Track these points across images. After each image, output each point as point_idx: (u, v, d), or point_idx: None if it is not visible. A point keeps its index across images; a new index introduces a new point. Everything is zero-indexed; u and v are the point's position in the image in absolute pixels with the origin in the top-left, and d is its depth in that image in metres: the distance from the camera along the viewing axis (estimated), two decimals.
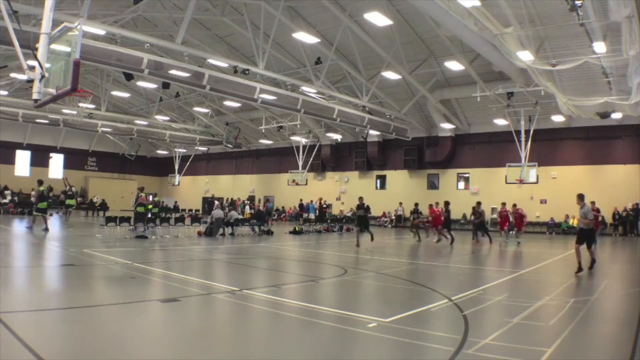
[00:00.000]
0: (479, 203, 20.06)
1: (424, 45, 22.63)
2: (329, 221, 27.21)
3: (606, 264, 13.88)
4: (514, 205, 20.16)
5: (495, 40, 14.92)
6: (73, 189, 28.36)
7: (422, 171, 32.33)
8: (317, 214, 28.11)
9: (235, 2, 20.55)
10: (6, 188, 35.29)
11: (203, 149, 41.09)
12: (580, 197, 10.92)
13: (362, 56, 22.66)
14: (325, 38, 21.66)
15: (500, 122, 26.16)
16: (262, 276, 10.24)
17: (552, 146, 27.03)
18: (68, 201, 26.83)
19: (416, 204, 23.53)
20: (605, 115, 20.98)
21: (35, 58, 6.88)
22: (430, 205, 19.77)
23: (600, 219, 17.48)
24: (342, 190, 35.82)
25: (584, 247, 10.59)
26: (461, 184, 31.23)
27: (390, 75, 23.21)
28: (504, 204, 20.32)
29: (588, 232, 10.74)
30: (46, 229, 17.00)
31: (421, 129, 31.10)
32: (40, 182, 18.12)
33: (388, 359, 4.78)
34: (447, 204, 19.71)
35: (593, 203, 15.83)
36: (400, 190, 32.81)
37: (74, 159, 44.01)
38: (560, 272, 11.97)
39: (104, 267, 9.81)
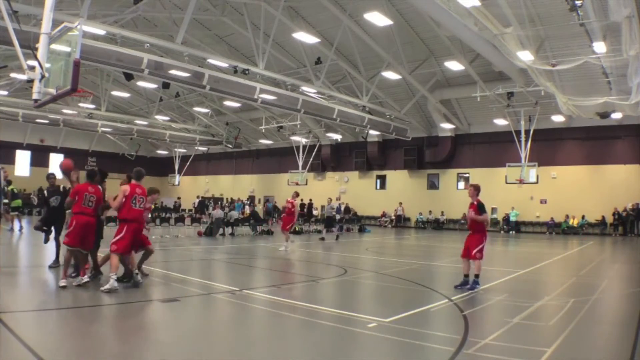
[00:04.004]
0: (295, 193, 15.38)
1: (424, 45, 22.63)
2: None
3: (606, 264, 13.89)
4: (296, 194, 15.23)
5: (495, 40, 14.92)
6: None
7: (422, 171, 32.34)
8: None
9: (235, 2, 20.55)
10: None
11: (203, 149, 41.07)
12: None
13: (362, 56, 22.65)
14: (325, 38, 21.66)
15: (500, 122, 26.16)
16: (262, 276, 10.24)
17: (552, 146, 27.03)
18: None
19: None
20: (605, 115, 20.98)
21: (35, 58, 6.88)
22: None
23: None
24: (342, 190, 35.82)
25: None
26: (461, 184, 31.24)
27: (390, 75, 23.21)
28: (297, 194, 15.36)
29: None
30: (12, 229, 16.78)
31: (421, 129, 31.10)
32: (9, 182, 18.38)
33: (388, 359, 4.78)
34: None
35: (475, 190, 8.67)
36: (400, 190, 32.83)
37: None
38: (560, 272, 11.97)
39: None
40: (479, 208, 8.43)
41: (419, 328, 5.67)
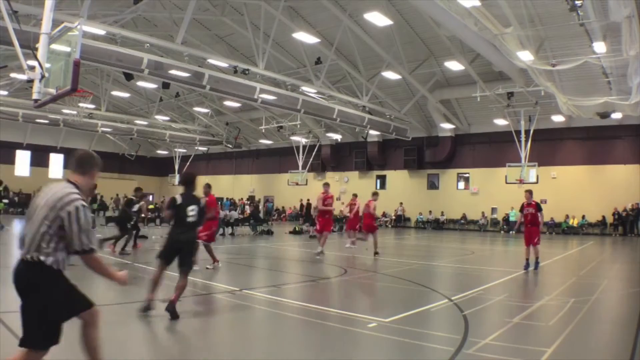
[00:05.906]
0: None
1: (424, 45, 22.62)
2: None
3: (606, 264, 13.89)
4: (354, 196, 15.34)
5: (495, 40, 14.90)
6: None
7: (422, 171, 32.34)
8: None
9: (235, 2, 20.54)
10: (6, 188, 35.27)
11: (203, 149, 41.07)
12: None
13: (362, 56, 22.65)
14: (325, 38, 21.65)
15: (500, 122, 26.15)
16: (262, 276, 10.24)
17: (552, 146, 27.03)
18: None
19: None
20: (605, 115, 20.98)
21: (35, 58, 6.88)
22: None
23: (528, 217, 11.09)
24: (342, 190, 35.80)
25: None
26: (461, 184, 31.25)
27: (390, 75, 23.21)
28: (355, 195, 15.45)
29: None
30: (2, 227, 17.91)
31: (421, 129, 31.10)
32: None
33: (388, 359, 4.78)
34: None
35: (530, 194, 11.18)
36: (400, 190, 32.82)
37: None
38: (560, 272, 11.97)
39: None
40: (539, 206, 11.00)
41: (419, 328, 5.67)
